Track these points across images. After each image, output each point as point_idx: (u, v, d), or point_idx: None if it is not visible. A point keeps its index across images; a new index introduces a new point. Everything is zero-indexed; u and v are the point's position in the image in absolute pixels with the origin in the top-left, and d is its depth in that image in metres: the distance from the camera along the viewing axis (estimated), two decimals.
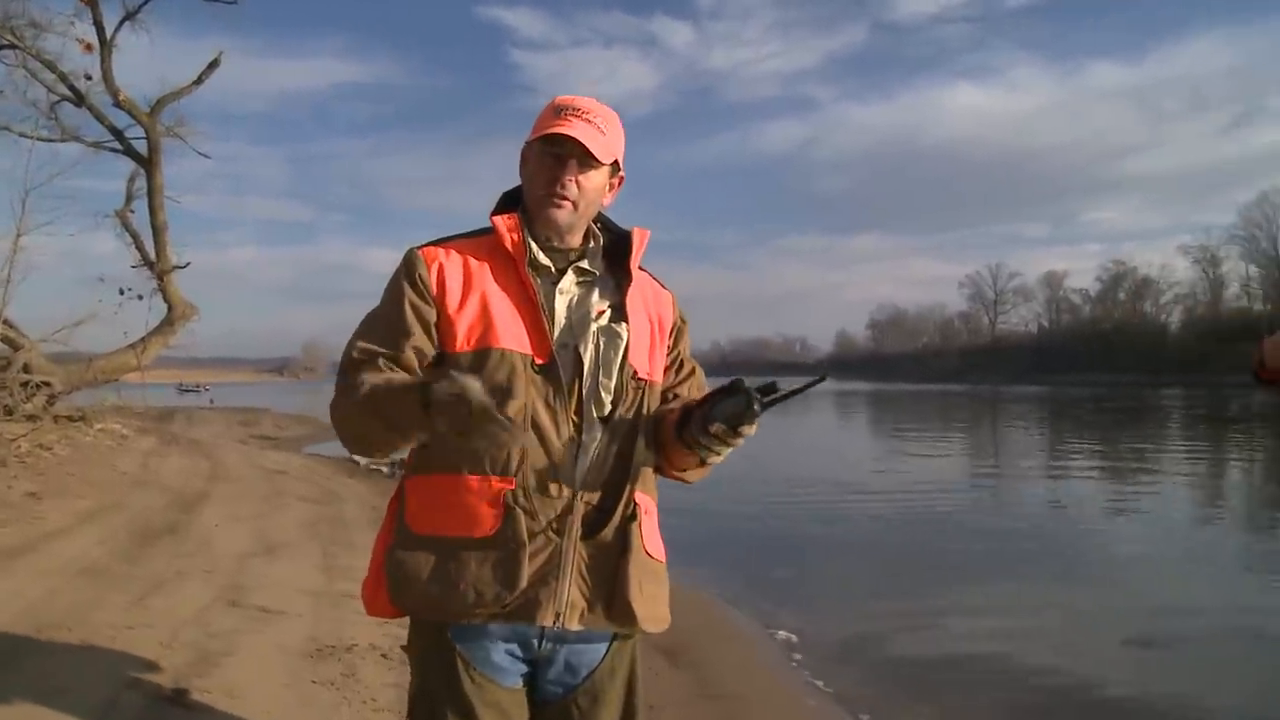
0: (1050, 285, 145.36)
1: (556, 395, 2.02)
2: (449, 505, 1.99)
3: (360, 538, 9.95)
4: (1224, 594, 9.18)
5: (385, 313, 2.06)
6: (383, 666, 5.31)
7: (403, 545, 2.03)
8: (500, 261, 2.09)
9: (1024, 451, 27.43)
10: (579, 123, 2.06)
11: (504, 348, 2.00)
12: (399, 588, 2.01)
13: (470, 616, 1.98)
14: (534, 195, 2.12)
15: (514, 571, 1.95)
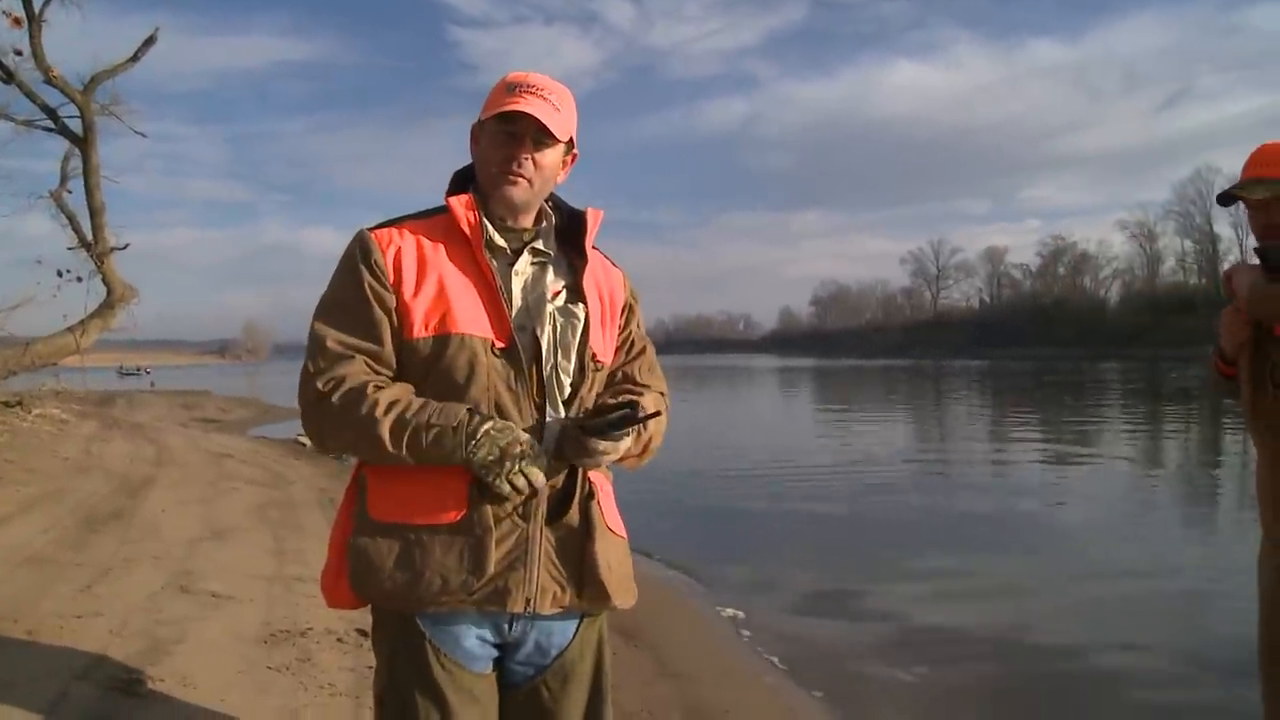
0: (991, 261, 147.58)
1: (518, 379, 2.01)
2: (413, 493, 1.97)
3: (310, 520, 9.86)
4: (1161, 557, 9.38)
5: (348, 301, 2.00)
6: (338, 651, 5.26)
7: (364, 533, 1.98)
8: (455, 243, 2.05)
9: (966, 425, 27.79)
10: (534, 99, 2.02)
11: (463, 332, 1.98)
12: (362, 577, 1.97)
13: (437, 604, 1.95)
14: (488, 173, 2.08)
15: (481, 558, 1.94)
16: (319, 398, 1.94)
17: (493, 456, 1.90)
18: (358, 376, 1.95)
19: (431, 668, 1.99)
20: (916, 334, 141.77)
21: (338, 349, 1.96)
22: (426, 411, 1.92)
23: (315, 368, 1.96)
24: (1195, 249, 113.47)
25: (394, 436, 1.89)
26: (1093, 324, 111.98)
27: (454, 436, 1.90)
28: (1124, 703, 5.65)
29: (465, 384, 1.97)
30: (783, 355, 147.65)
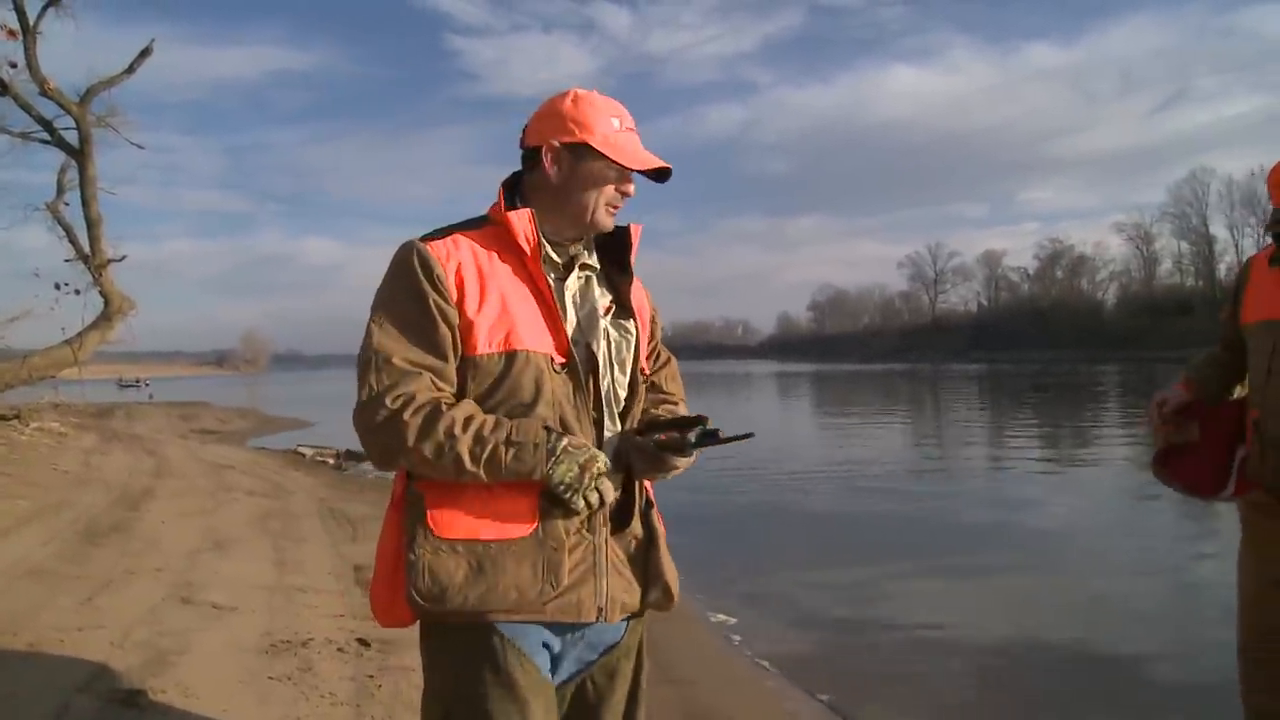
0: (989, 264, 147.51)
1: (577, 393, 2.04)
2: (481, 509, 1.97)
3: (310, 530, 9.87)
4: (1154, 558, 9.38)
5: (411, 316, 1.97)
6: (339, 660, 5.27)
7: (429, 550, 1.95)
8: (509, 256, 2.05)
9: (963, 428, 27.76)
10: (638, 137, 2.12)
11: (528, 349, 1.99)
12: (431, 593, 1.94)
13: (512, 615, 1.97)
14: (582, 205, 2.08)
15: (556, 571, 1.97)
16: (391, 416, 1.91)
17: (572, 474, 1.94)
18: (426, 393, 1.93)
19: (514, 671, 1.98)
20: (914, 338, 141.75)
21: (404, 365, 1.94)
22: (504, 429, 1.93)
23: (381, 384, 1.93)
24: (1191, 251, 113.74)
25: (473, 454, 1.90)
26: (1090, 326, 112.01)
27: (535, 454, 1.92)
28: (1123, 699, 5.65)
29: (533, 401, 1.99)
30: (781, 360, 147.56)
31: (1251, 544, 3.04)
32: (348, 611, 6.40)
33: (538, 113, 2.14)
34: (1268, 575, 2.95)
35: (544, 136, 2.08)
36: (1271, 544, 2.94)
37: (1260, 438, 2.94)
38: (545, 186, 2.09)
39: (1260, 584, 2.98)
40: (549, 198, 2.09)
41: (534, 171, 2.11)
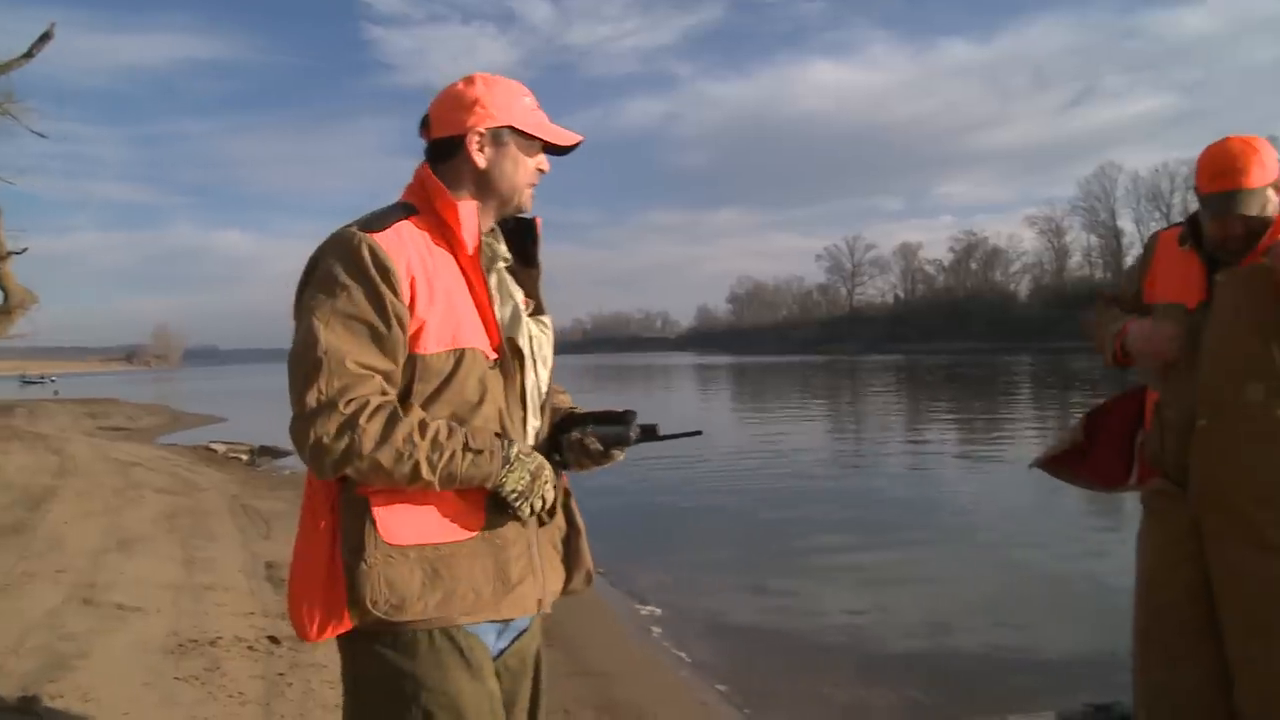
0: (905, 257, 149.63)
1: (508, 390, 2.02)
2: (431, 512, 1.92)
3: (221, 527, 9.68)
4: (1064, 545, 9.57)
5: (364, 316, 1.85)
6: (249, 659, 5.17)
7: (384, 560, 1.86)
8: (444, 248, 1.99)
9: (880, 419, 28.15)
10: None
11: (472, 346, 1.95)
12: (392, 603, 1.86)
13: (470, 617, 1.95)
14: (510, 185, 2.05)
15: (506, 568, 1.97)
16: (346, 422, 1.80)
17: (524, 482, 1.95)
18: (379, 398, 1.85)
19: (485, 668, 1.99)
20: (832, 329, 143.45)
21: (356, 369, 1.84)
22: (459, 436, 1.89)
23: (332, 389, 1.82)
24: (1100, 244, 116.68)
25: (430, 461, 1.84)
26: (1004, 317, 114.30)
27: (491, 461, 1.91)
28: (1027, 684, 5.76)
29: (479, 400, 1.96)
30: (700, 353, 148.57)
31: (1150, 526, 3.11)
32: (258, 609, 6.28)
33: (443, 102, 2.07)
34: (1165, 557, 3.02)
35: (464, 124, 2.02)
36: (1169, 527, 3.00)
37: (1160, 421, 3.00)
38: (469, 175, 2.04)
39: (1157, 565, 3.05)
40: (474, 186, 2.04)
41: (452, 160, 2.04)
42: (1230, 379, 2.81)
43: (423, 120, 2.09)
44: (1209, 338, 2.84)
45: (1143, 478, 3.07)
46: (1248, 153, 2.78)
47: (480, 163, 2.03)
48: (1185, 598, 2.94)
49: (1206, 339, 2.85)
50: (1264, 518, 2.78)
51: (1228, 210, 2.78)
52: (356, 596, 1.85)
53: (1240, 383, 2.79)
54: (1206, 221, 2.89)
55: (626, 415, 2.14)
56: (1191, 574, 2.92)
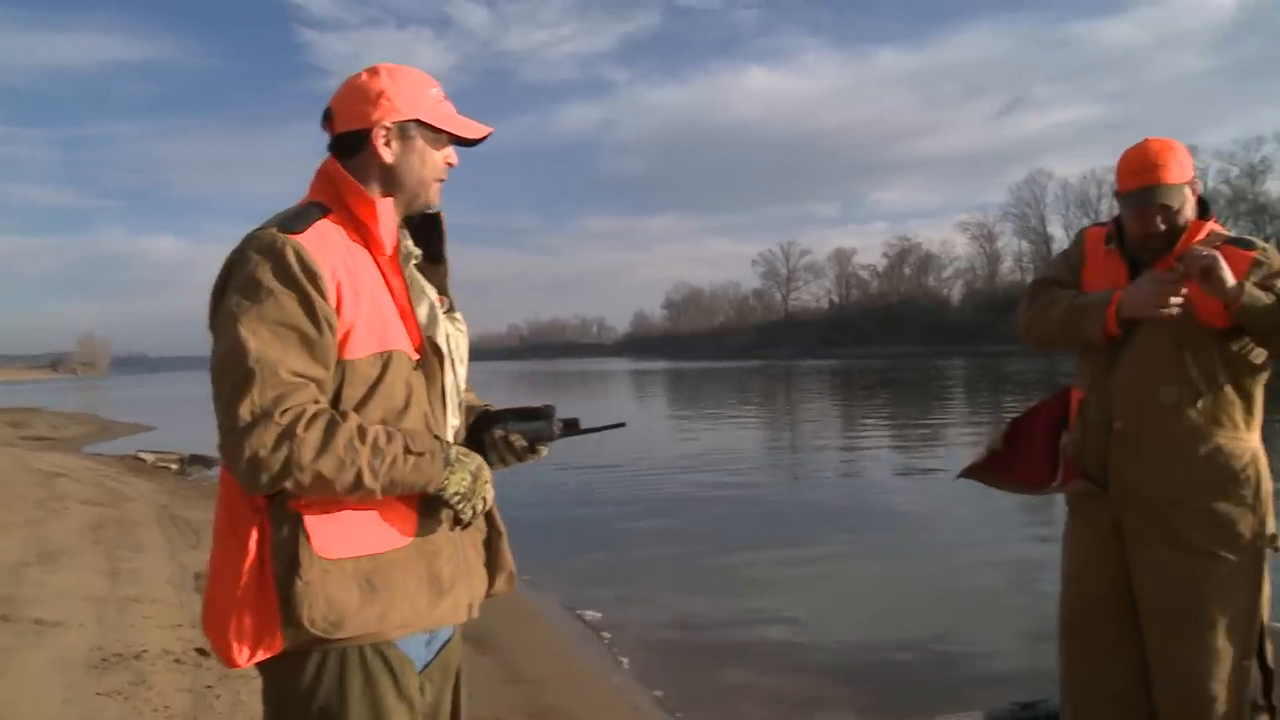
0: (840, 262, 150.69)
1: (431, 391, 1.96)
2: (363, 522, 1.84)
3: (149, 538, 9.49)
4: (996, 546, 9.70)
5: (294, 322, 1.77)
6: (176, 672, 5.06)
7: (321, 575, 1.77)
8: (362, 247, 1.92)
9: (816, 423, 28.36)
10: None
11: (397, 348, 1.89)
12: (330, 621, 1.77)
13: (404, 630, 1.88)
14: (419, 179, 1.99)
15: (439, 576, 1.91)
16: (284, 433, 1.71)
17: (466, 483, 1.90)
18: (314, 406, 1.76)
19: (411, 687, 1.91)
20: (768, 334, 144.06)
21: (290, 377, 1.75)
22: (398, 440, 1.82)
23: (265, 399, 1.73)
24: (1031, 249, 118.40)
25: (372, 468, 1.77)
26: (937, 322, 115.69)
27: (433, 464, 1.85)
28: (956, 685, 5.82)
29: (405, 404, 1.89)
30: (637, 358, 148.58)
31: (1074, 526, 3.17)
32: (186, 621, 6.15)
33: (346, 95, 1.99)
34: (1088, 556, 3.07)
35: (369, 118, 1.95)
36: (1092, 526, 3.07)
37: (1084, 422, 3.04)
38: (375, 171, 1.97)
39: (1081, 564, 3.10)
40: (380, 182, 1.97)
41: (357, 156, 1.97)
42: (1147, 382, 2.87)
43: (325, 113, 2.01)
44: (1129, 341, 2.88)
45: (1067, 479, 3.11)
46: (1165, 151, 2.86)
47: (387, 158, 1.96)
48: (1108, 596, 3.00)
49: (1127, 342, 2.89)
50: (1180, 517, 2.85)
51: (1149, 201, 2.83)
52: (293, 616, 1.75)
53: (1155, 386, 2.86)
54: (1128, 221, 2.96)
55: (546, 410, 2.11)
56: (1114, 572, 2.98)
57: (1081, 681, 3.08)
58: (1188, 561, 2.83)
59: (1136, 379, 2.88)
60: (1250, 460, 2.86)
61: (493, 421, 2.12)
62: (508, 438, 2.08)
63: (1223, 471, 2.83)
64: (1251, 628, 2.83)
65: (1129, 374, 2.90)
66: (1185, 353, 2.82)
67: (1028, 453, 3.27)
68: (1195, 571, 2.82)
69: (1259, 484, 2.85)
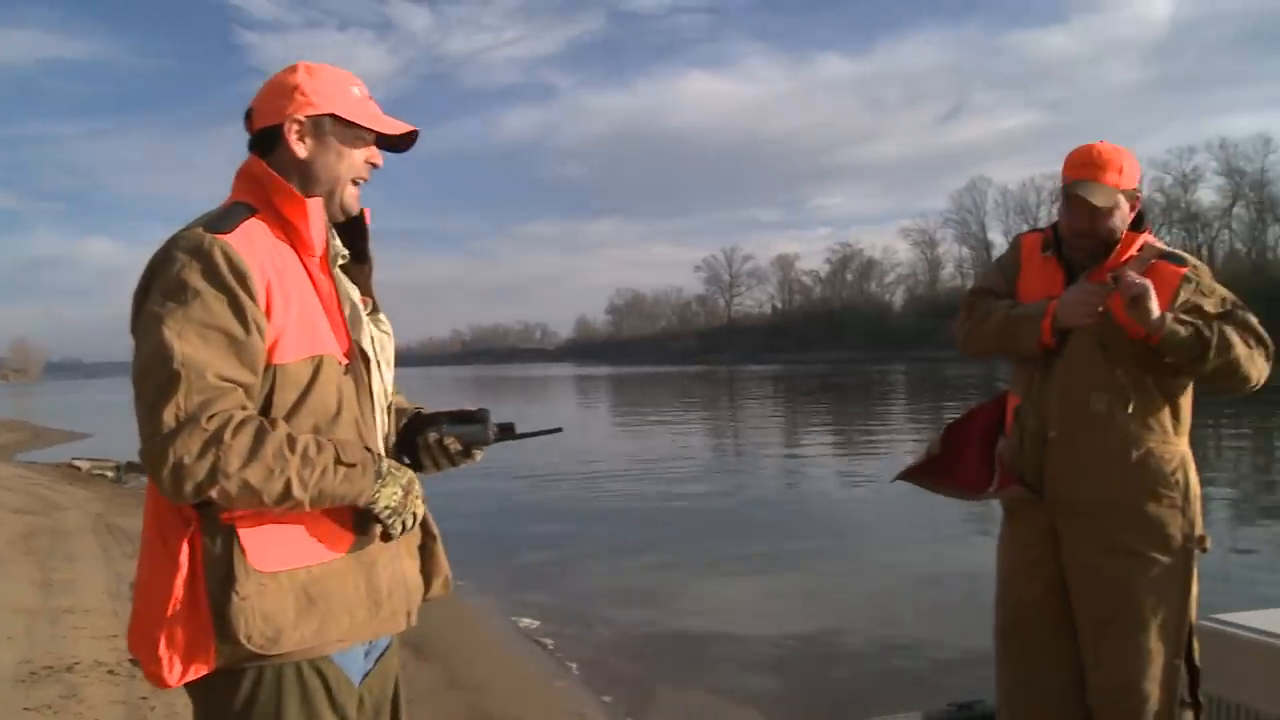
0: (782, 268, 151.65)
1: (361, 396, 1.90)
2: (299, 534, 1.79)
3: (83, 548, 9.33)
4: (937, 549, 9.83)
5: (222, 324, 1.71)
6: (109, 683, 4.99)
7: (257, 590, 1.71)
8: (290, 248, 1.86)
9: (758, 427, 28.54)
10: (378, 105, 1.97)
11: (328, 353, 1.84)
12: (268, 637, 1.71)
13: (343, 643, 1.83)
14: (335, 176, 1.93)
15: (377, 586, 1.87)
16: (210, 440, 1.65)
17: (397, 497, 1.84)
18: (241, 413, 1.70)
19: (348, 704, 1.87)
20: (711, 340, 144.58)
21: (217, 382, 1.68)
22: (329, 450, 1.75)
23: (192, 404, 1.66)
24: (972, 255, 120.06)
25: (302, 479, 1.70)
26: (879, 327, 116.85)
27: (364, 476, 1.79)
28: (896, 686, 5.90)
29: (337, 409, 1.84)
30: (580, 364, 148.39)
31: (1010, 530, 3.22)
32: (121, 631, 6.02)
33: (265, 91, 1.94)
34: (1023, 559, 3.12)
35: (283, 113, 1.89)
36: (1027, 530, 3.12)
37: (1020, 426, 3.09)
38: (292, 167, 1.90)
39: (1015, 567, 3.15)
40: (298, 179, 1.90)
41: (274, 154, 1.90)
42: (1078, 391, 2.93)
43: (246, 113, 1.95)
44: (1061, 350, 2.95)
45: (1003, 484, 3.15)
46: (1110, 154, 2.91)
47: (300, 153, 1.90)
48: (1042, 598, 3.05)
49: (1059, 352, 2.95)
50: (1113, 522, 2.90)
51: (1077, 193, 2.88)
52: (229, 633, 1.68)
53: (1087, 394, 2.92)
54: (1061, 216, 3.02)
55: (480, 414, 2.07)
56: (1048, 575, 3.03)
57: (1017, 682, 3.13)
58: (1121, 564, 2.89)
59: (1068, 388, 2.94)
60: (1179, 464, 2.92)
61: (426, 424, 2.07)
62: (442, 441, 2.04)
63: (1153, 476, 2.89)
64: (1182, 627, 2.89)
65: (1061, 383, 2.95)
66: (1114, 362, 2.88)
67: (964, 457, 3.31)
68: (1128, 573, 2.88)
69: (1188, 487, 2.92)
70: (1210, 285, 2.91)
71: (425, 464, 2.06)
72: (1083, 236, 2.94)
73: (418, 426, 2.08)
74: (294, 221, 1.86)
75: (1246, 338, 2.82)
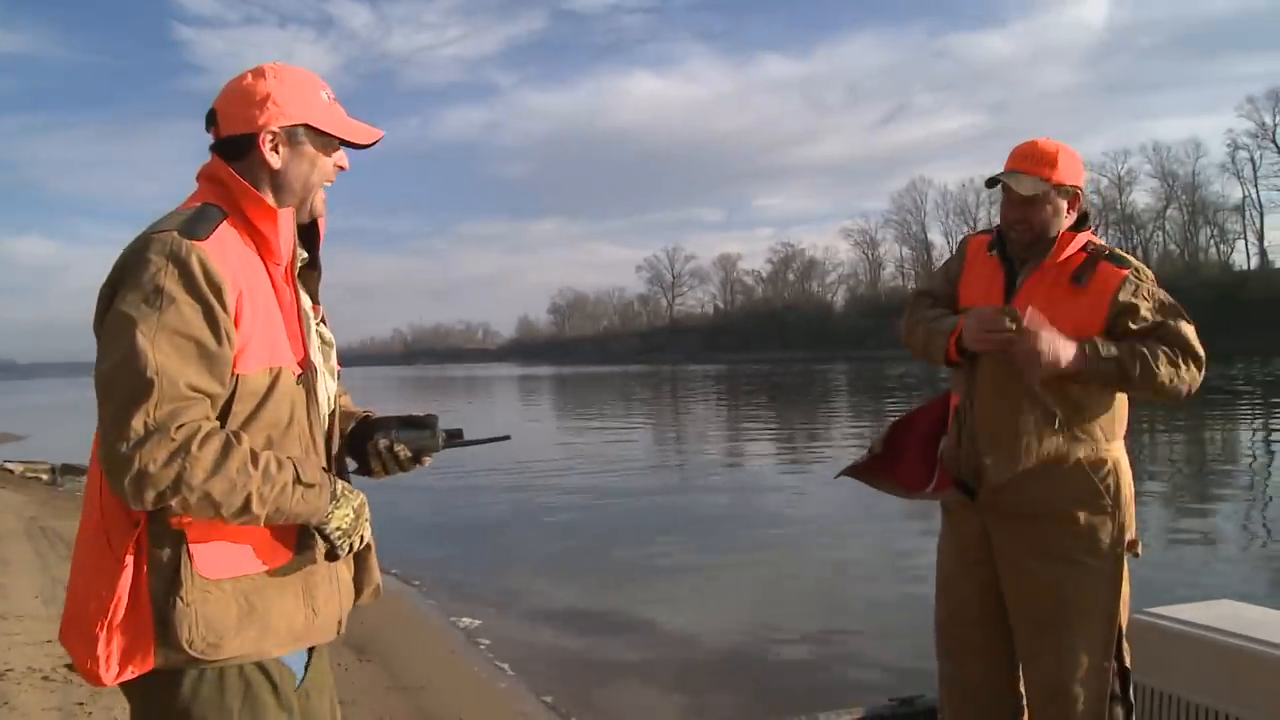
0: (725, 267, 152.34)
1: (310, 405, 1.90)
2: (245, 542, 1.79)
3: (16, 552, 9.16)
4: (881, 547, 9.95)
5: (195, 333, 1.70)
6: (43, 690, 4.91)
7: (200, 596, 1.72)
8: (255, 255, 1.86)
9: (701, 427, 28.69)
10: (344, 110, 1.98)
11: (284, 364, 1.84)
12: (209, 642, 1.72)
13: (283, 648, 1.85)
14: (308, 184, 1.93)
15: (314, 594, 1.89)
16: (177, 450, 1.64)
17: (349, 519, 1.87)
18: (208, 424, 1.70)
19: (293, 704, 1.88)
20: (653, 340, 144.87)
21: (187, 391, 1.68)
22: (288, 468, 1.76)
23: (161, 413, 1.65)
24: (912, 255, 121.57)
25: (261, 495, 1.71)
26: (821, 327, 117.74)
27: (320, 496, 1.81)
28: (840, 683, 5.97)
29: (289, 420, 1.84)
30: (523, 364, 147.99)
31: (947, 530, 3.26)
32: (56, 636, 5.93)
33: (232, 97, 1.91)
34: (960, 559, 3.17)
35: (256, 122, 1.87)
36: (963, 531, 3.16)
37: (960, 424, 3.13)
38: (263, 176, 1.89)
39: (952, 566, 3.20)
40: (269, 188, 1.90)
41: (243, 160, 1.88)
42: (1005, 403, 2.95)
43: (209, 115, 1.92)
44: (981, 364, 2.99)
45: (940, 485, 3.20)
46: (1047, 148, 2.94)
47: (275, 164, 1.89)
48: (977, 596, 3.10)
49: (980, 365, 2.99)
50: (1043, 527, 2.94)
51: (1007, 180, 2.91)
52: (170, 638, 1.69)
53: (1014, 408, 2.93)
54: (1000, 207, 3.05)
55: (429, 419, 2.10)
56: (982, 576, 3.08)
57: (954, 676, 3.19)
58: (1053, 569, 2.92)
59: (993, 400, 2.98)
60: (1110, 470, 2.95)
61: (375, 429, 2.08)
62: (393, 447, 2.05)
63: (1083, 484, 2.92)
64: (1112, 629, 2.93)
65: (986, 397, 3.00)
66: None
67: (907, 456, 3.35)
68: (1060, 577, 2.92)
69: (1119, 492, 2.94)
70: (1151, 289, 2.93)
71: (374, 469, 2.08)
72: (1014, 226, 2.97)
73: (367, 431, 2.09)
74: (264, 231, 1.86)
75: (1175, 354, 2.85)
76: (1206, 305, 74.94)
